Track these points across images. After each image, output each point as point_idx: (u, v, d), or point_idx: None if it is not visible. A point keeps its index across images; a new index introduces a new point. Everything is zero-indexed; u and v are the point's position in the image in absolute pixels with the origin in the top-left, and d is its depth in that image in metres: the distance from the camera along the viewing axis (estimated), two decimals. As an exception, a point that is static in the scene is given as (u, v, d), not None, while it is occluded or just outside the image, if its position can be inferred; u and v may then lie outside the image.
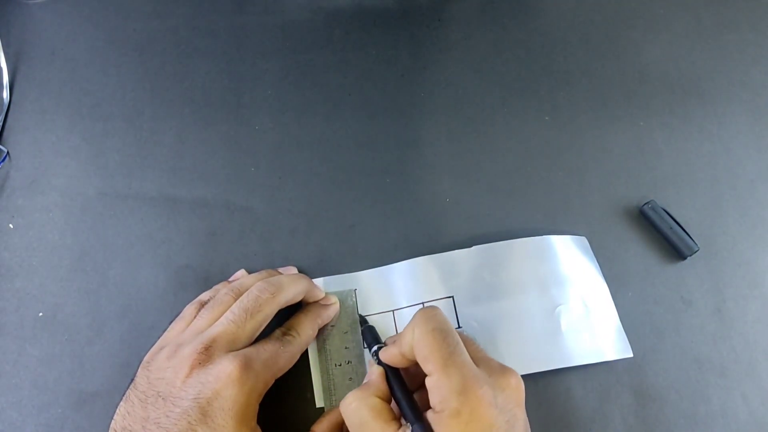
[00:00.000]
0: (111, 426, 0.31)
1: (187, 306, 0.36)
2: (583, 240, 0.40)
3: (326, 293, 0.38)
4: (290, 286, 0.35)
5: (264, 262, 0.40)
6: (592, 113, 0.45)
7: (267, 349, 0.32)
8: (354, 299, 0.38)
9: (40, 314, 0.38)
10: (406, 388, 0.31)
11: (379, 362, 0.33)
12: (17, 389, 0.36)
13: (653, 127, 0.45)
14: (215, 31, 0.47)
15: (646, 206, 0.41)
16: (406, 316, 0.38)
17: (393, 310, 0.38)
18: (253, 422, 0.30)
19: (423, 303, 0.38)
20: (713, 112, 0.45)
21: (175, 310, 0.38)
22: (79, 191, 0.42)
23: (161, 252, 0.40)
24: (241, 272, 0.39)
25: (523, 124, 0.45)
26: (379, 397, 0.30)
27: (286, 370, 0.33)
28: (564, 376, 0.37)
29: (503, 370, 0.30)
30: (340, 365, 0.36)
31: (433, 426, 0.28)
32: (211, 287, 0.39)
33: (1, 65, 0.45)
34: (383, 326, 0.38)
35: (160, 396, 0.30)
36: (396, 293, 0.39)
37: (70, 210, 0.41)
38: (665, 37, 0.48)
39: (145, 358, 0.33)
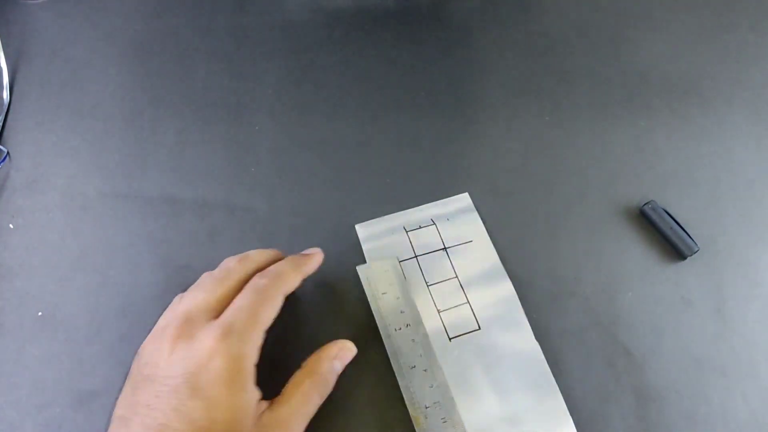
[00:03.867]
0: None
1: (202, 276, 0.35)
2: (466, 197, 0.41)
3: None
4: (261, 254, 0.34)
5: (264, 262, 0.40)
6: (593, 113, 0.45)
7: (243, 305, 0.31)
8: (399, 268, 0.39)
9: (40, 314, 0.38)
10: None
11: None
12: (16, 388, 0.36)
13: (653, 127, 0.45)
14: (215, 31, 0.47)
15: (646, 206, 0.41)
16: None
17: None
18: (250, 385, 0.30)
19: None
20: (713, 112, 0.45)
21: (175, 309, 0.38)
22: (79, 191, 0.42)
23: (161, 252, 0.40)
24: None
25: (524, 124, 0.45)
26: None
27: (273, 317, 0.32)
28: (564, 377, 0.37)
29: None
30: (400, 329, 0.37)
31: None
32: (211, 287, 0.39)
33: (1, 65, 0.45)
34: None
35: (147, 379, 0.29)
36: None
37: (70, 210, 0.41)
38: (665, 37, 0.48)
39: (138, 351, 0.33)
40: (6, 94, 0.44)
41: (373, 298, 0.38)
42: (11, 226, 0.41)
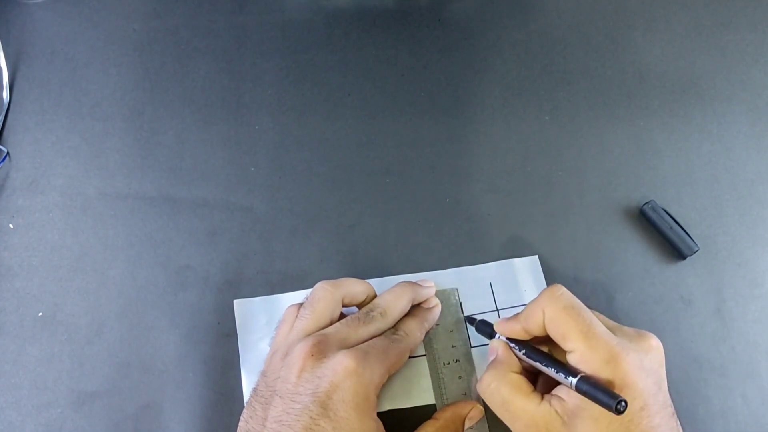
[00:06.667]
0: None
1: (287, 308, 0.35)
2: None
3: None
4: (395, 306, 0.34)
5: (264, 262, 0.40)
6: (592, 113, 0.45)
7: (378, 344, 0.32)
8: (457, 298, 0.38)
9: (40, 314, 0.38)
10: (542, 352, 0.32)
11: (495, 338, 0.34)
12: (17, 389, 0.36)
13: (653, 127, 0.45)
14: (215, 31, 0.47)
15: (646, 206, 0.41)
16: None
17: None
18: (374, 414, 0.30)
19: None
20: (713, 112, 0.45)
21: (175, 310, 0.38)
22: (79, 191, 0.42)
23: (161, 252, 0.40)
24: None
25: (523, 124, 0.45)
26: (515, 372, 0.32)
27: (397, 367, 0.33)
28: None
29: (640, 334, 0.31)
30: (449, 364, 0.36)
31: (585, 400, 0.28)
32: (211, 287, 0.39)
33: (1, 65, 0.45)
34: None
35: (277, 394, 0.30)
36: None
37: (70, 210, 0.41)
38: (665, 37, 0.48)
39: (263, 368, 0.33)
40: (6, 94, 0.44)
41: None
42: (11, 226, 0.41)
